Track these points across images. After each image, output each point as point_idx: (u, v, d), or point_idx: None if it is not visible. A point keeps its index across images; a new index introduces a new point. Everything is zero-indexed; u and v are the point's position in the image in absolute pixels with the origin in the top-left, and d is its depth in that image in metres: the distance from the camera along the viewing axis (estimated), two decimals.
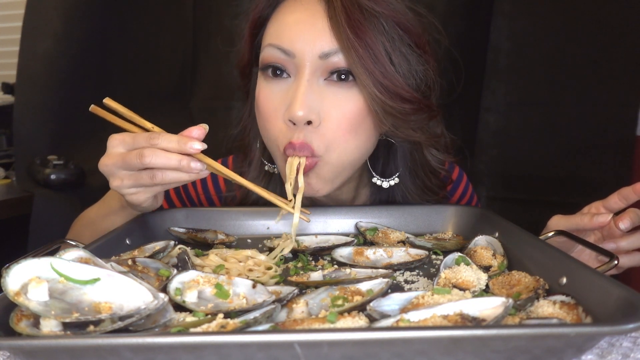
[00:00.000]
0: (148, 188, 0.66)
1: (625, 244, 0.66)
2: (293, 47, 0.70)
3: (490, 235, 0.69)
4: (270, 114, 0.73)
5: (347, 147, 0.73)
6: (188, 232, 0.77)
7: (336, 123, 0.71)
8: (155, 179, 0.63)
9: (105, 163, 0.65)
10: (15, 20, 1.79)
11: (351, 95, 0.71)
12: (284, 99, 0.71)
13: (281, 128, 0.72)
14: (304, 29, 0.70)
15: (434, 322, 0.43)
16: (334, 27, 0.68)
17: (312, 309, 0.51)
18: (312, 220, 0.80)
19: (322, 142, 0.71)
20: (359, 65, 0.68)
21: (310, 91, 0.69)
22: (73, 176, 1.29)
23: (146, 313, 0.43)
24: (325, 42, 0.69)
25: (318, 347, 0.38)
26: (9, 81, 1.69)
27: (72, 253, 0.50)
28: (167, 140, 0.62)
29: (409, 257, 0.67)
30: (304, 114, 0.68)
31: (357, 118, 0.71)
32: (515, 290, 0.53)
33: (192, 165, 0.62)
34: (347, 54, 0.68)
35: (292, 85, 0.71)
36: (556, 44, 1.31)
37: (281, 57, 0.71)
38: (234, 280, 0.54)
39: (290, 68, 0.71)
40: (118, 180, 0.66)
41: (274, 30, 0.73)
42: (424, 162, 0.83)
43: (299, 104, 0.68)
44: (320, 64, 0.70)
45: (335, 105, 0.71)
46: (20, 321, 0.43)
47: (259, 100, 0.74)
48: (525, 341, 0.39)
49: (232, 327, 0.43)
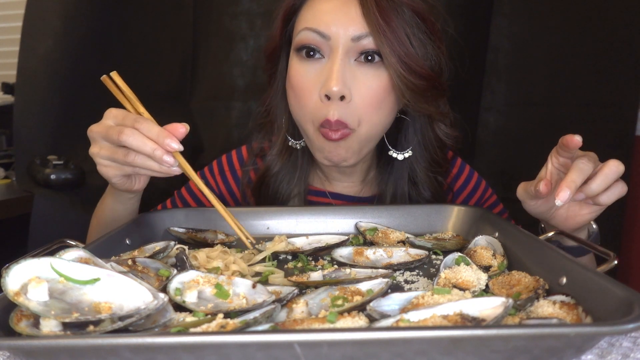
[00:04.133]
0: (120, 165, 0.69)
1: (605, 197, 0.65)
2: (329, 30, 0.79)
3: (490, 235, 0.69)
4: (305, 91, 0.81)
5: (374, 121, 0.82)
6: (188, 232, 0.77)
7: (366, 99, 0.80)
8: (127, 157, 0.66)
9: (92, 129, 0.70)
10: (15, 20, 1.80)
11: (378, 74, 0.80)
12: (319, 77, 0.80)
13: (315, 104, 0.80)
14: (339, 15, 0.79)
15: (433, 322, 0.43)
16: (365, 14, 0.77)
17: (312, 309, 0.51)
18: (312, 220, 0.81)
19: (355, 116, 0.80)
20: (386, 47, 0.77)
21: (343, 69, 0.78)
22: (73, 176, 1.29)
23: (146, 313, 0.43)
24: (357, 27, 0.78)
25: (318, 347, 0.38)
26: (9, 81, 1.70)
27: (72, 253, 0.50)
28: (148, 127, 0.65)
29: (409, 257, 0.67)
30: (338, 89, 0.77)
31: (383, 94, 0.81)
32: (515, 290, 0.53)
33: (165, 158, 0.65)
34: (376, 37, 0.77)
35: (327, 65, 0.80)
36: (556, 44, 1.31)
37: (317, 39, 0.79)
38: (234, 280, 0.54)
39: (325, 49, 0.80)
40: (97, 148, 0.70)
41: (311, 16, 0.81)
42: (433, 136, 0.91)
43: (335, 79, 0.77)
44: (352, 45, 0.78)
45: (364, 82, 0.80)
46: (20, 321, 0.43)
47: (293, 79, 0.82)
48: (525, 341, 0.39)
49: (232, 327, 0.43)
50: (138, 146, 0.64)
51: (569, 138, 0.65)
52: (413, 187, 0.92)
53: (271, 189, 0.94)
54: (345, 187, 0.97)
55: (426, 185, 0.92)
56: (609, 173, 0.63)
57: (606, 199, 0.65)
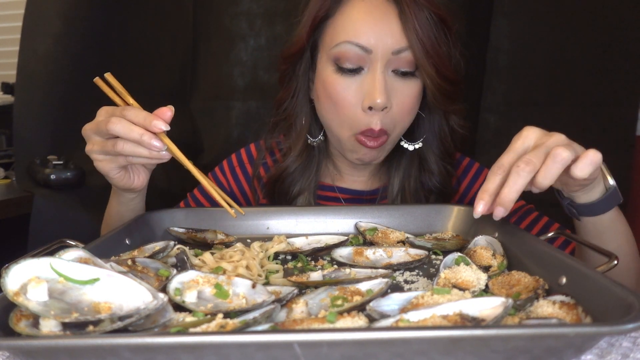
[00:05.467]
0: (113, 157, 0.70)
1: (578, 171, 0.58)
2: (370, 44, 0.81)
3: (490, 235, 0.68)
4: (346, 102, 0.84)
5: (405, 125, 0.88)
6: (188, 232, 0.77)
7: (404, 107, 0.85)
8: (116, 146, 0.67)
9: (85, 128, 0.71)
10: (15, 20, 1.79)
11: (414, 82, 0.85)
12: (360, 89, 0.83)
13: (357, 114, 0.83)
14: (379, 28, 0.81)
15: (433, 322, 0.43)
16: (404, 26, 0.80)
17: (312, 309, 0.51)
18: (312, 221, 0.81)
19: (392, 123, 0.85)
20: (425, 60, 0.81)
21: (385, 82, 0.81)
22: (73, 176, 1.29)
23: (146, 313, 0.43)
24: (396, 40, 0.81)
25: (317, 347, 0.38)
26: (9, 81, 1.69)
27: (71, 253, 0.50)
28: (134, 114, 0.66)
29: (409, 257, 0.67)
30: (382, 101, 0.80)
31: (416, 101, 0.87)
32: (515, 290, 0.53)
33: (153, 142, 0.65)
34: (416, 51, 0.81)
35: (367, 77, 0.82)
36: (556, 44, 1.31)
37: (358, 53, 0.81)
38: (234, 280, 0.54)
39: (365, 62, 0.82)
40: (91, 145, 0.71)
41: (351, 28, 0.82)
42: (447, 127, 0.94)
43: (379, 92, 0.80)
44: (391, 58, 0.82)
45: (402, 92, 0.84)
46: (20, 321, 0.43)
47: (332, 90, 0.84)
48: (524, 341, 0.39)
49: (231, 327, 0.43)
50: (125, 132, 0.65)
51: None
52: (424, 174, 0.94)
53: (285, 186, 0.95)
54: (355, 182, 0.99)
55: (436, 173, 0.94)
56: (550, 165, 0.57)
57: (579, 173, 0.58)
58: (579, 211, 0.68)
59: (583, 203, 0.67)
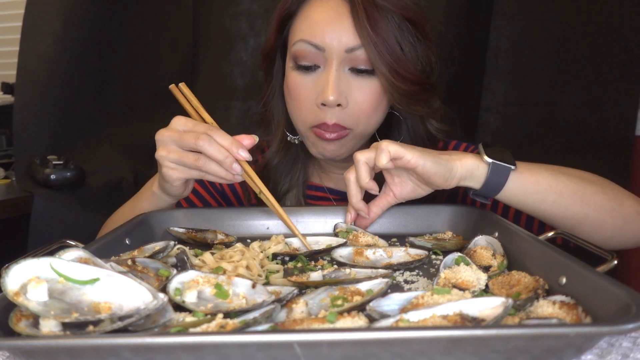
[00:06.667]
0: (187, 169, 0.73)
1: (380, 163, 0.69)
2: (323, 43, 0.82)
3: (490, 235, 0.68)
4: (302, 98, 0.86)
5: (370, 123, 0.88)
6: (188, 232, 0.77)
7: (362, 105, 0.85)
8: (199, 161, 0.71)
9: (163, 133, 0.73)
10: (15, 20, 1.79)
11: (371, 81, 0.84)
12: (315, 86, 0.84)
13: (312, 110, 0.85)
14: (332, 27, 0.82)
15: (433, 322, 0.43)
16: (356, 26, 0.81)
17: (312, 309, 0.51)
18: (308, 220, 0.81)
19: (352, 119, 0.85)
20: (377, 58, 0.81)
21: (338, 79, 0.83)
22: (73, 176, 1.29)
23: (146, 313, 0.43)
24: (349, 39, 0.81)
25: (318, 347, 0.38)
26: (9, 81, 1.69)
27: (71, 253, 0.50)
28: (222, 136, 0.71)
29: (409, 257, 0.67)
30: (334, 98, 0.82)
31: (378, 99, 0.86)
32: (515, 290, 0.53)
33: (234, 166, 0.70)
34: (368, 49, 0.81)
35: (322, 75, 0.84)
36: (556, 44, 1.31)
37: (312, 51, 0.83)
38: (234, 280, 0.54)
39: (320, 59, 0.84)
40: (165, 151, 0.73)
41: (306, 27, 0.85)
42: (424, 131, 0.94)
43: (331, 89, 0.82)
44: (345, 56, 0.82)
45: (359, 90, 0.84)
46: (20, 321, 0.43)
47: (291, 88, 0.87)
48: (524, 341, 0.39)
49: (231, 327, 0.43)
50: (213, 153, 0.69)
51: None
52: None
53: (271, 182, 0.96)
54: (341, 182, 0.98)
55: None
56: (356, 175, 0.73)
57: (379, 163, 0.69)
58: (485, 195, 0.73)
59: (479, 188, 0.72)
